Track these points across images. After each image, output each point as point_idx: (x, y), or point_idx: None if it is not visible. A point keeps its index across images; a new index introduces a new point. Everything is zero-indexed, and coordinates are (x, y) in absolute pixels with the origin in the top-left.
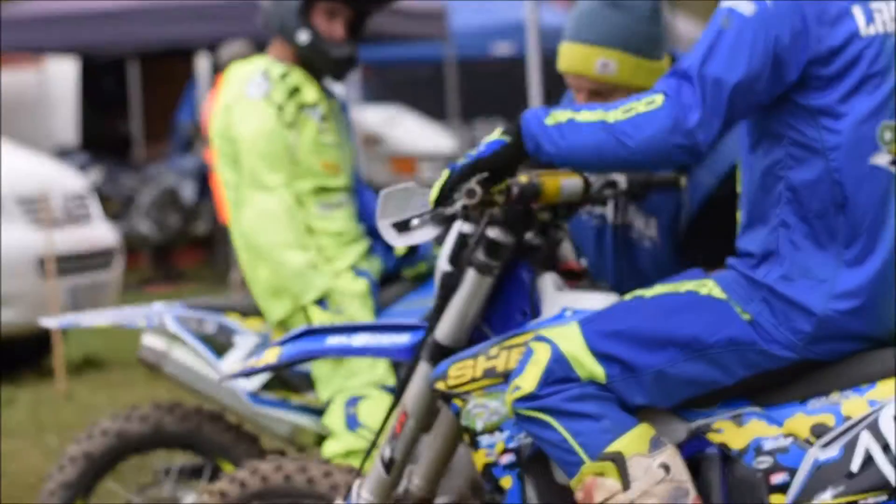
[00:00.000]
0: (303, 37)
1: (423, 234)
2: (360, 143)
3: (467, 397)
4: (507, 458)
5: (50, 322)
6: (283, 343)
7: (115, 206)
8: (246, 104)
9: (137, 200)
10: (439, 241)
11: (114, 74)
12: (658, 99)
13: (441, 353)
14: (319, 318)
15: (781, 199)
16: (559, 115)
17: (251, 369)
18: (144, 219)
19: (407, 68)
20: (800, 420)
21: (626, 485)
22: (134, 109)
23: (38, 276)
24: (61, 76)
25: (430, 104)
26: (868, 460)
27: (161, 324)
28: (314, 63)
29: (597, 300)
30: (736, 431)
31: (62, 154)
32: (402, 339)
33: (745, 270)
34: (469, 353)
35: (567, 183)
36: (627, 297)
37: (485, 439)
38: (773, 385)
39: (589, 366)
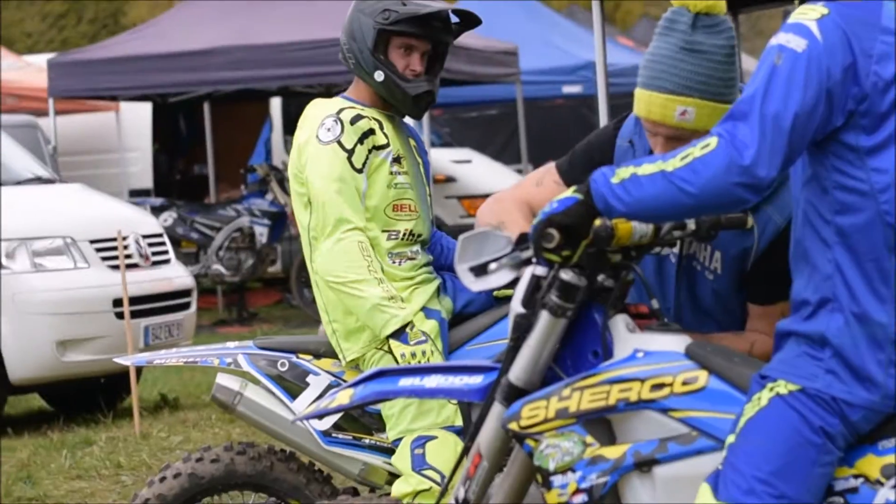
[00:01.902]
0: (378, 76)
1: (499, 278)
2: (432, 183)
3: (540, 437)
4: (580, 499)
5: (125, 360)
6: (355, 384)
7: (190, 248)
8: (316, 148)
9: (211, 242)
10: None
11: (186, 117)
12: (713, 142)
13: (514, 395)
14: (400, 351)
15: (832, 243)
16: (623, 172)
17: (324, 410)
18: (218, 260)
19: (477, 109)
20: (870, 461)
21: None
22: (207, 152)
23: (114, 317)
24: (136, 119)
25: (499, 144)
26: None
27: (234, 363)
28: (391, 101)
29: (668, 341)
30: None
31: (137, 196)
32: (475, 380)
33: (799, 333)
34: (542, 394)
35: (638, 226)
36: (730, 440)
37: (557, 479)
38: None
39: None
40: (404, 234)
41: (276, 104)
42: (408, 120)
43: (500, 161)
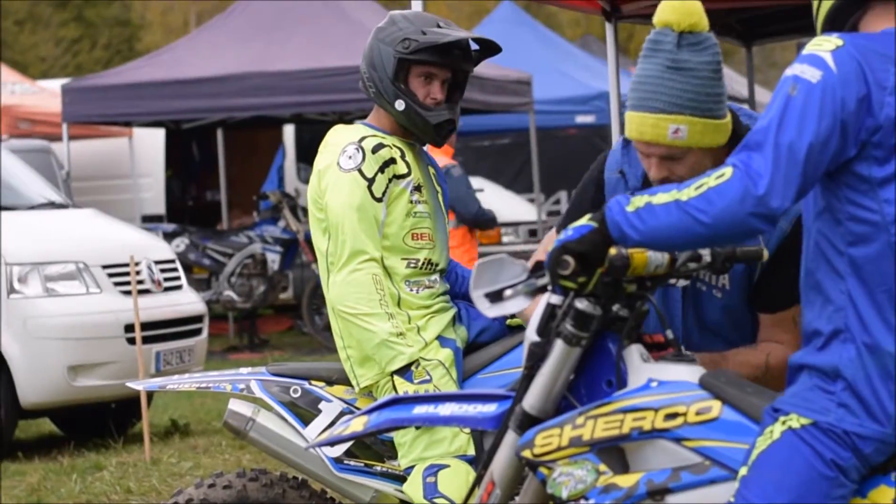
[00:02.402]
0: (399, 105)
1: (515, 305)
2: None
3: (553, 465)
4: None
5: (138, 385)
6: (369, 412)
7: (201, 274)
8: (337, 176)
9: (223, 268)
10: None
11: (199, 143)
12: (727, 172)
13: (528, 423)
14: (403, 388)
15: (844, 274)
16: (638, 201)
17: (338, 437)
18: (230, 287)
19: (490, 138)
20: (883, 491)
21: None
22: (220, 178)
23: (126, 342)
24: (149, 145)
25: (512, 173)
26: None
27: (247, 389)
28: (412, 129)
29: (682, 371)
30: None
31: (149, 222)
32: (489, 408)
33: (812, 366)
34: (556, 422)
35: (654, 256)
36: (742, 473)
37: None
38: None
39: None
40: (423, 263)
41: (289, 131)
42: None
43: (513, 190)
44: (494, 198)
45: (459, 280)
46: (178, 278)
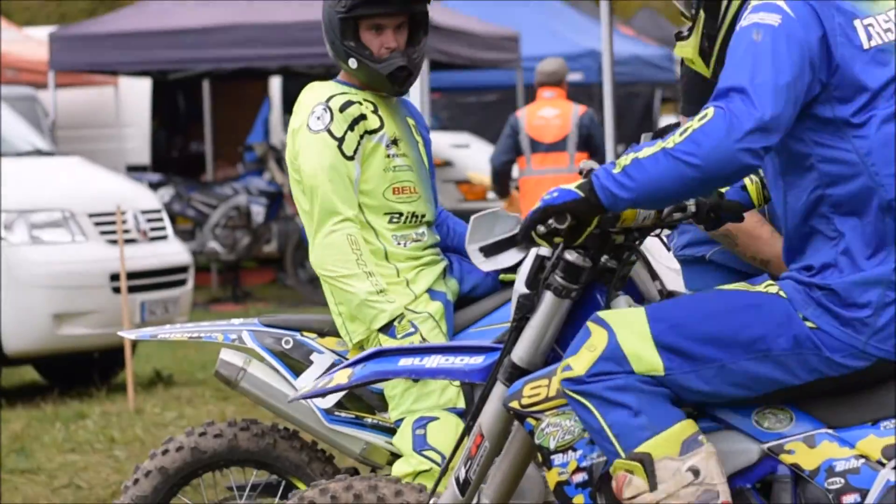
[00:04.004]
0: (352, 63)
1: (508, 258)
2: None
3: (541, 416)
4: (580, 477)
5: (129, 334)
6: (354, 364)
7: (186, 225)
8: (307, 137)
9: (208, 220)
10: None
11: (186, 94)
12: (709, 112)
13: (517, 375)
14: (388, 344)
15: (829, 215)
16: (623, 161)
17: (322, 390)
18: (214, 238)
19: (476, 94)
20: (871, 442)
21: (652, 486)
22: (206, 129)
23: (111, 291)
24: (135, 95)
25: (497, 129)
26: None
27: (239, 339)
28: (372, 84)
29: None
30: (808, 452)
31: (134, 172)
32: (476, 360)
33: (802, 278)
34: (543, 373)
35: (642, 219)
36: (701, 291)
37: (558, 458)
38: (846, 406)
39: (648, 357)
40: (407, 216)
41: (275, 83)
42: (415, 99)
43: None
44: (480, 153)
45: (451, 233)
46: (163, 228)
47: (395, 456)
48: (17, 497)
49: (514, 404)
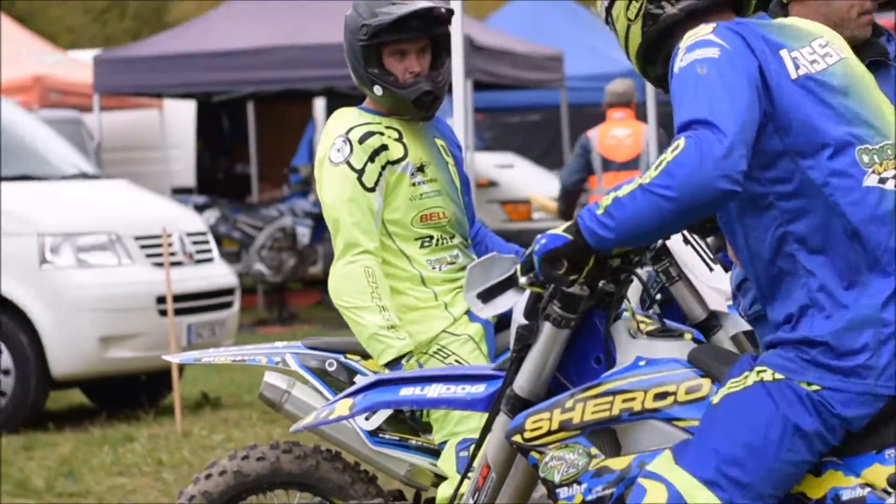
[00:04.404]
0: (377, 90)
1: (506, 301)
2: (474, 188)
3: (544, 450)
4: None
5: (173, 358)
6: (354, 393)
7: (231, 247)
8: (328, 169)
9: (253, 242)
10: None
11: (230, 116)
12: (681, 142)
13: (520, 406)
14: None
15: (795, 253)
16: (605, 201)
17: (323, 421)
18: (260, 260)
19: (520, 114)
20: (877, 470)
21: None
22: (251, 151)
23: (158, 314)
24: (179, 117)
25: (542, 149)
26: None
27: (283, 362)
28: (398, 111)
29: (670, 348)
30: (814, 481)
31: (180, 194)
32: (478, 389)
33: (787, 341)
34: (545, 406)
35: None
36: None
37: (563, 491)
38: (851, 436)
39: (703, 497)
40: (437, 239)
41: (319, 105)
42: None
43: (542, 166)
44: (524, 173)
45: (488, 252)
46: (209, 251)
47: (440, 478)
48: None
49: (517, 438)
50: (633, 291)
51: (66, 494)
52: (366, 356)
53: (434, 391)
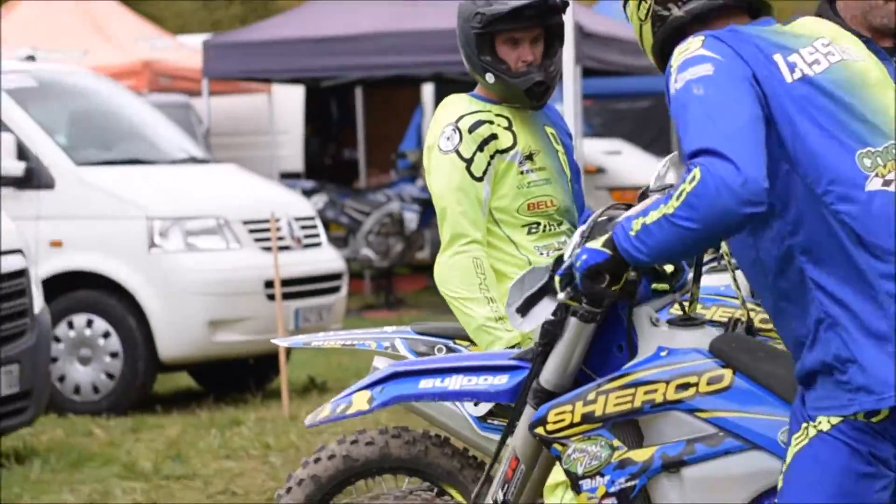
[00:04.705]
0: (490, 78)
1: (543, 310)
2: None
3: (567, 442)
4: (609, 502)
5: (282, 342)
6: (371, 385)
7: (339, 232)
8: (437, 157)
9: (361, 227)
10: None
11: (338, 101)
12: (696, 173)
13: (546, 398)
14: None
15: (802, 266)
16: (635, 225)
17: (341, 416)
18: (367, 245)
19: (629, 100)
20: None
21: None
22: (358, 136)
23: (266, 298)
24: (288, 102)
25: (650, 136)
26: None
27: (392, 347)
28: (510, 99)
29: (692, 337)
30: None
31: (288, 179)
32: (501, 380)
33: (816, 370)
34: (567, 398)
35: None
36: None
37: (586, 483)
38: None
39: None
40: (545, 226)
41: (427, 90)
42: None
43: (650, 153)
44: (633, 160)
45: None
46: (317, 235)
47: None
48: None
49: (540, 430)
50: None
51: (174, 477)
52: (474, 343)
53: (455, 383)
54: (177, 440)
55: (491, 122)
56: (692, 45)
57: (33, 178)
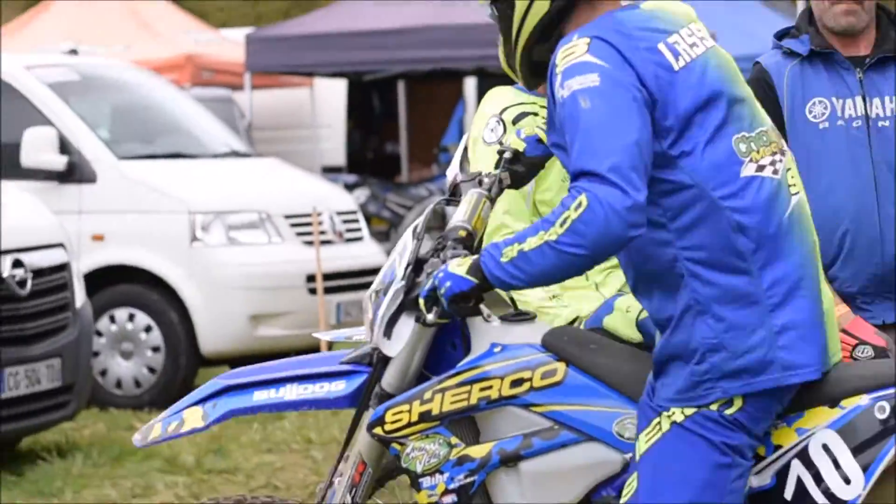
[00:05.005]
0: None
1: (405, 329)
2: None
3: (406, 441)
4: (449, 499)
5: (324, 336)
6: (203, 401)
7: (381, 226)
8: (481, 149)
9: (403, 221)
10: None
11: (380, 95)
12: (583, 200)
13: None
14: None
15: (678, 251)
16: (510, 252)
17: (174, 435)
18: None
19: None
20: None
21: None
22: (400, 130)
23: (308, 292)
24: (330, 96)
25: None
26: (800, 488)
27: None
28: None
29: (524, 332)
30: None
31: (330, 173)
32: (339, 387)
33: (674, 356)
34: (404, 398)
35: (487, 215)
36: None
37: (426, 481)
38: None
39: None
40: None
41: (470, 84)
42: None
43: None
44: None
45: None
46: (359, 229)
47: None
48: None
49: (378, 430)
50: None
51: (216, 471)
52: None
53: (291, 392)
54: (219, 434)
55: (535, 114)
56: (578, 50)
57: (75, 171)
